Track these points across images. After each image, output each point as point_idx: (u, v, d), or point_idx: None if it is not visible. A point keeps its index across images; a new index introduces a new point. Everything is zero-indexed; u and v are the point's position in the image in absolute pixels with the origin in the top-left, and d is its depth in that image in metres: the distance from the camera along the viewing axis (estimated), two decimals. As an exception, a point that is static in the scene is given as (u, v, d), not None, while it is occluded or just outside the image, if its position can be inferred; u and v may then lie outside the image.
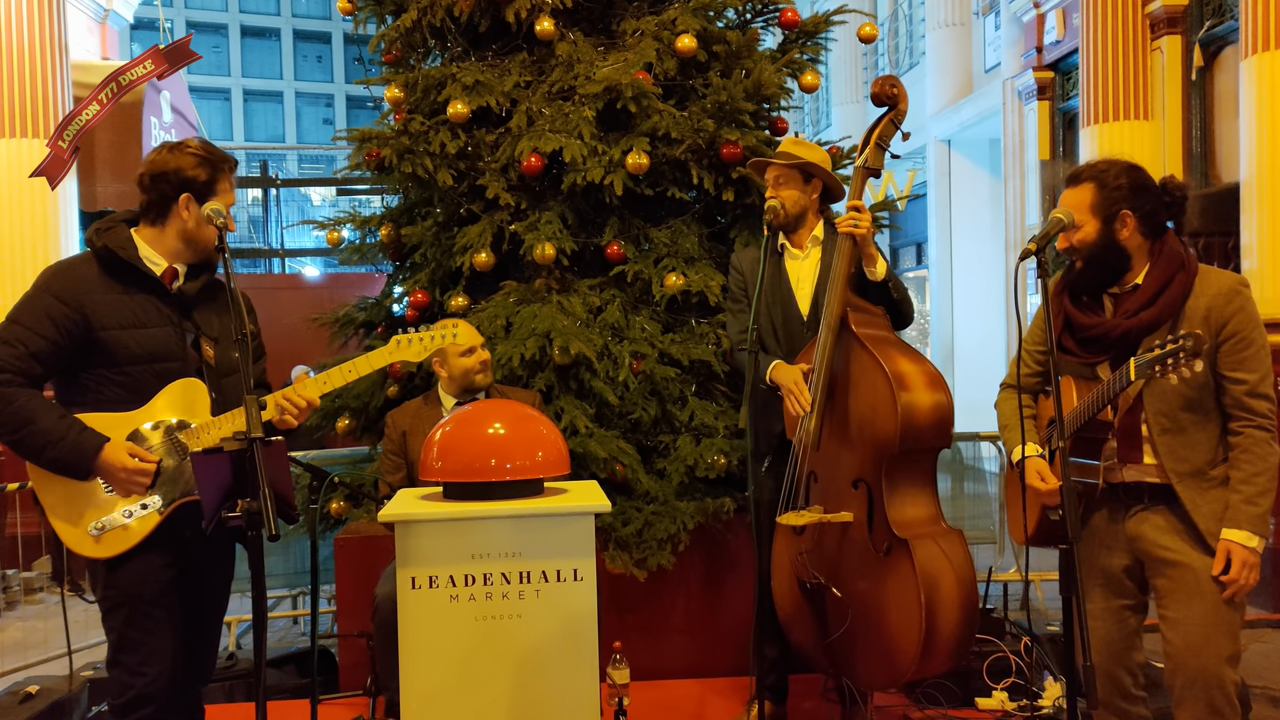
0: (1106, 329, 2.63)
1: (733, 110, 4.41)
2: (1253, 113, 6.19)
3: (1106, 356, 2.66)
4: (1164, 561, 2.63)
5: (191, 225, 2.68)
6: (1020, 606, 4.96)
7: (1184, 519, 2.60)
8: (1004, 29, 11.03)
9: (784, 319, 3.62)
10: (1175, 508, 2.61)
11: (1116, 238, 2.63)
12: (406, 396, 4.43)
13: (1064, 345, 2.72)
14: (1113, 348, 2.63)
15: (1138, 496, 2.67)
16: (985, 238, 12.40)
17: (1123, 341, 2.61)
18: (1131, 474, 2.66)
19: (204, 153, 2.71)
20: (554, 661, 2.71)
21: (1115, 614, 2.74)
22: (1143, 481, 2.65)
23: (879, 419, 3.26)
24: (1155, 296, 2.59)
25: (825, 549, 3.42)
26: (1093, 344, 2.67)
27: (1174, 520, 2.62)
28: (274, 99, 35.94)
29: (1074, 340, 2.71)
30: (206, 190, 2.67)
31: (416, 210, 4.99)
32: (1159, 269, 2.62)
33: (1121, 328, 2.61)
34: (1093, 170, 2.68)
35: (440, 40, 4.97)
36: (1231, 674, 2.57)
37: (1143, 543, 2.67)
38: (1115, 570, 2.72)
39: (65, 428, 2.53)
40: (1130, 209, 2.62)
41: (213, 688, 3.77)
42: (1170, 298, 2.58)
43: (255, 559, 2.38)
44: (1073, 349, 2.71)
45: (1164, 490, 2.63)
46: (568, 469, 2.90)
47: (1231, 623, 2.57)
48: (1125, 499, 2.69)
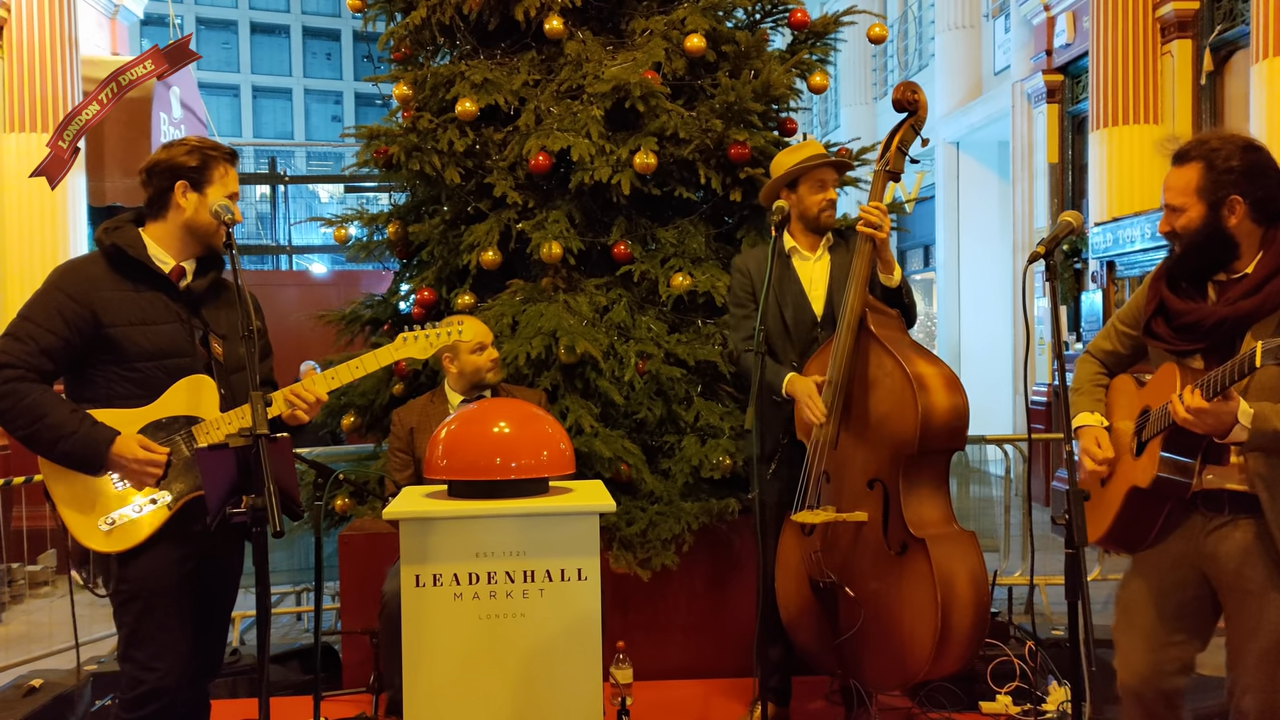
0: (1201, 316, 2.39)
1: (741, 110, 4.40)
2: (1263, 117, 6.17)
3: (1199, 346, 2.42)
4: (1234, 589, 2.43)
5: (190, 213, 2.70)
6: (1025, 610, 4.95)
7: (1266, 539, 2.37)
8: (1014, 31, 11.01)
9: (795, 320, 3.63)
10: (1259, 524, 2.38)
11: (1223, 225, 2.38)
12: (412, 394, 4.44)
13: (1155, 331, 2.50)
14: (1206, 336, 2.40)
15: (1218, 506, 2.44)
16: (993, 240, 12.37)
17: (1217, 331, 2.37)
18: (1212, 480, 2.43)
19: (197, 142, 2.75)
20: (557, 661, 2.70)
21: (1166, 637, 2.54)
22: (1224, 489, 2.42)
23: (899, 419, 3.27)
24: (1261, 285, 2.35)
25: (837, 549, 3.42)
26: (1186, 331, 2.43)
27: (1254, 542, 2.39)
28: (283, 95, 35.97)
29: (1167, 326, 2.47)
30: (199, 176, 2.69)
31: (424, 208, 4.99)
32: (1270, 256, 2.37)
33: (1217, 315, 2.37)
34: (1203, 148, 2.42)
35: (449, 38, 4.97)
36: None
37: (1217, 564, 2.45)
38: (1182, 597, 2.52)
39: (77, 422, 2.55)
40: (1240, 194, 2.36)
41: (217, 682, 3.77)
42: (1276, 288, 2.33)
43: (259, 555, 2.39)
44: (1164, 335, 2.48)
45: (1247, 500, 2.39)
46: (573, 468, 2.90)
47: None
48: (1205, 509, 2.46)
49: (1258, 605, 2.39)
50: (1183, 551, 2.51)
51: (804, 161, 3.60)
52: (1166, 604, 2.55)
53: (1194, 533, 2.49)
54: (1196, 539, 2.49)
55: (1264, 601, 2.39)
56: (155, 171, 2.71)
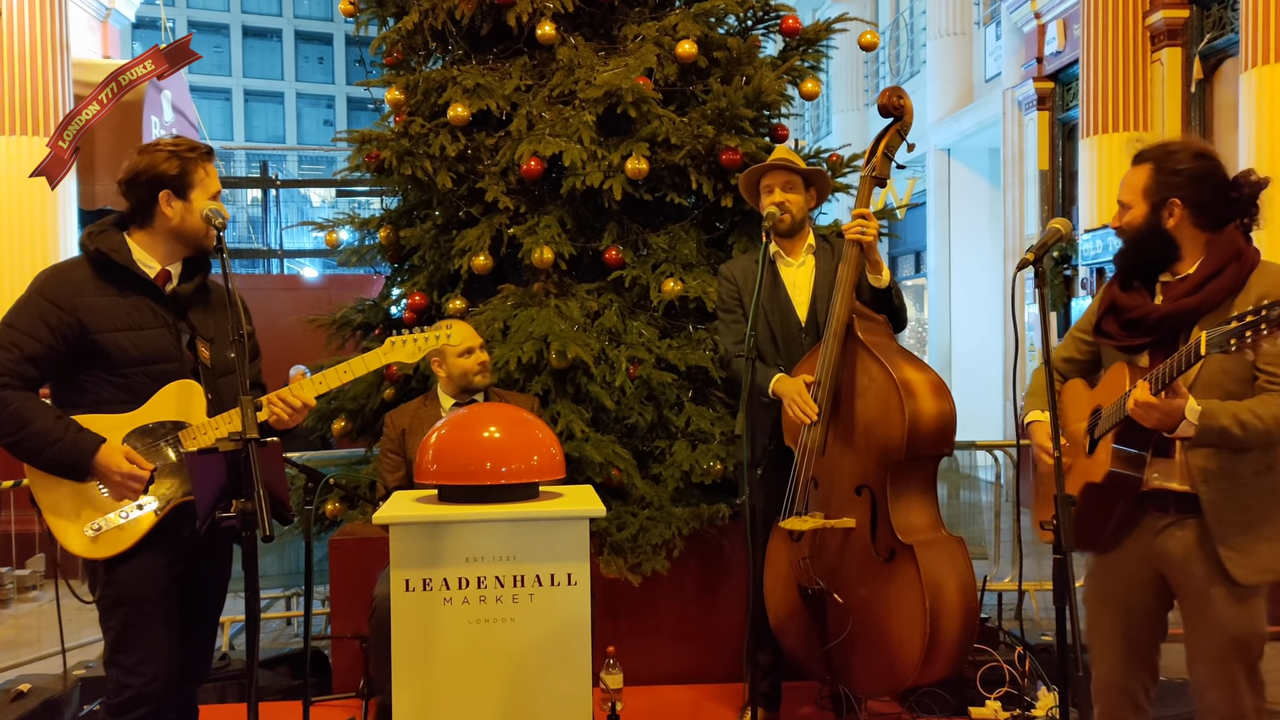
0: (1146, 311, 2.52)
1: (733, 117, 4.41)
2: (1252, 125, 6.20)
3: (1146, 341, 2.55)
4: (1183, 586, 2.54)
5: (177, 221, 2.68)
6: (1014, 616, 4.96)
7: (1207, 538, 2.47)
8: (1005, 39, 11.05)
9: (782, 326, 3.64)
10: (1201, 522, 2.48)
11: (1162, 225, 2.51)
12: (403, 399, 4.43)
13: (1105, 329, 2.62)
14: (1151, 332, 2.52)
15: (1164, 507, 2.55)
16: (984, 247, 12.42)
17: (1161, 326, 2.50)
18: (1157, 479, 2.53)
19: (173, 146, 2.70)
20: (547, 666, 2.71)
21: (1131, 632, 2.65)
22: (1168, 490, 2.53)
23: (886, 425, 3.28)
24: (1201, 284, 2.47)
25: (825, 555, 3.42)
26: (1132, 326, 2.56)
27: (1197, 540, 2.49)
28: (275, 99, 35.94)
29: (1116, 323, 2.60)
30: (181, 183, 2.66)
31: (415, 213, 4.99)
32: (1211, 258, 2.48)
33: (1161, 311, 2.50)
34: (1158, 150, 2.55)
35: (441, 43, 4.97)
36: (1251, 700, 2.50)
37: (1169, 564, 2.55)
38: (1141, 586, 2.61)
39: (63, 429, 2.54)
40: (1180, 198, 2.49)
41: (205, 688, 3.76)
42: (1216, 287, 2.45)
43: (249, 560, 2.38)
44: (1113, 332, 2.61)
45: (1190, 501, 2.49)
46: (563, 473, 2.90)
47: (1249, 652, 2.49)
48: (1153, 510, 2.57)
49: (1204, 601, 2.50)
50: (1138, 553, 2.61)
51: (751, 170, 3.67)
52: (1132, 604, 2.65)
53: (1146, 534, 2.59)
54: (1148, 540, 2.59)
55: (1207, 597, 2.49)
56: (136, 183, 2.67)
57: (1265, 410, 2.38)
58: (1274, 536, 2.47)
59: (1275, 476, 2.50)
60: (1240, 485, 2.47)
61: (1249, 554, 2.45)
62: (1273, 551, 2.47)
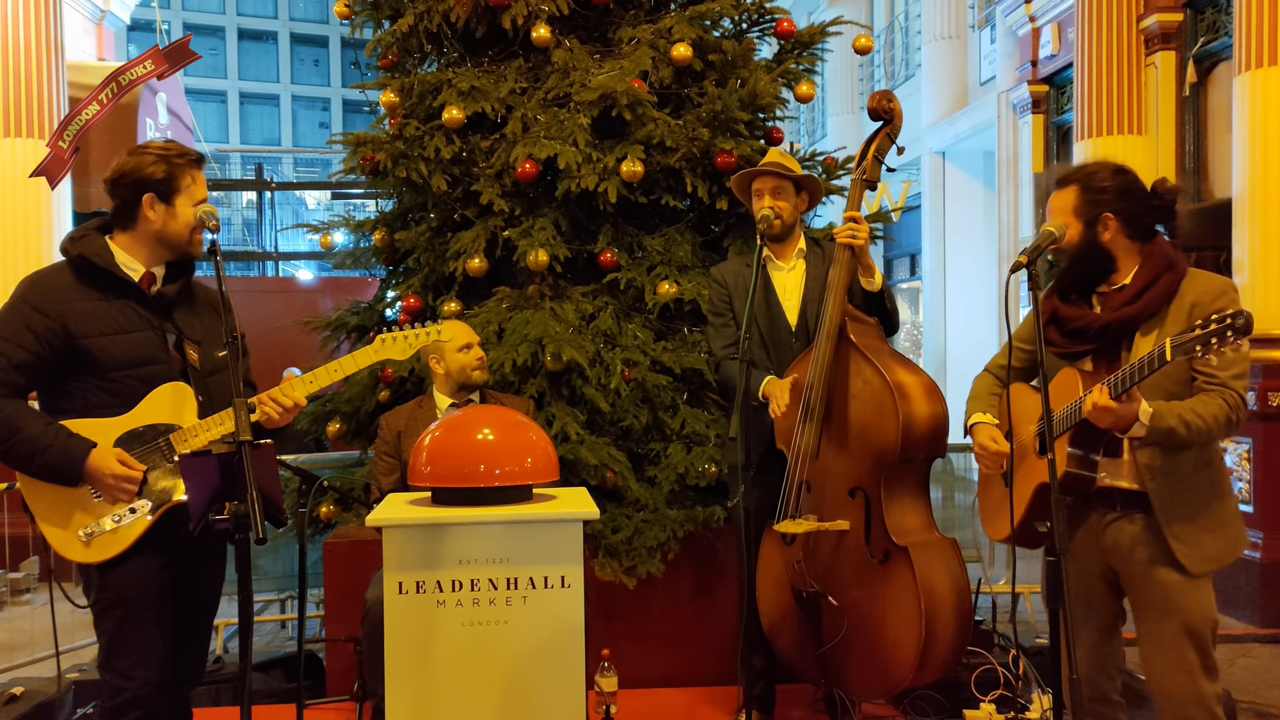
0: (1089, 321, 2.67)
1: (728, 119, 4.42)
2: (1246, 128, 6.22)
3: (1089, 348, 2.69)
4: (1134, 575, 2.66)
5: (159, 225, 2.67)
6: (1008, 619, 4.96)
7: (1155, 530, 2.60)
8: (999, 42, 11.07)
9: (772, 330, 3.64)
10: (1148, 517, 2.61)
11: (1098, 240, 2.67)
12: (398, 401, 4.43)
13: (1049, 338, 2.74)
14: (1094, 340, 2.67)
15: (1110, 504, 2.68)
16: (979, 250, 12.42)
17: (1103, 334, 2.65)
18: (1105, 478, 2.66)
19: (162, 150, 2.68)
20: (540, 668, 2.70)
21: (1095, 621, 2.77)
22: (1116, 487, 2.65)
23: (880, 428, 3.28)
24: (1139, 294, 2.62)
25: (819, 558, 3.42)
26: (1075, 336, 2.70)
27: (1145, 532, 2.62)
28: (270, 102, 35.92)
29: (1060, 333, 2.74)
30: (166, 187, 2.65)
31: (410, 215, 4.99)
32: (1146, 268, 2.64)
33: (1102, 320, 2.64)
34: (1079, 173, 2.72)
35: (436, 46, 4.98)
36: (1209, 685, 2.58)
37: (1115, 555, 2.68)
38: (1094, 578, 2.74)
39: (53, 434, 2.53)
40: (1112, 212, 2.65)
41: (199, 691, 3.75)
42: (1153, 295, 2.60)
43: (242, 562, 2.38)
44: (1057, 341, 2.74)
45: (1136, 498, 2.63)
46: (556, 475, 2.90)
47: (1202, 636, 2.59)
48: (1100, 507, 2.70)
49: (1155, 588, 2.61)
50: (1088, 548, 2.73)
51: (741, 174, 3.68)
52: (1090, 596, 2.76)
53: (1093, 530, 2.72)
54: (1096, 534, 2.72)
55: (1157, 583, 2.61)
56: (121, 183, 2.66)
57: (1205, 410, 2.52)
58: (1216, 528, 2.61)
59: (1213, 471, 2.64)
60: (1182, 481, 2.60)
61: (1195, 545, 2.58)
62: (1216, 542, 2.60)
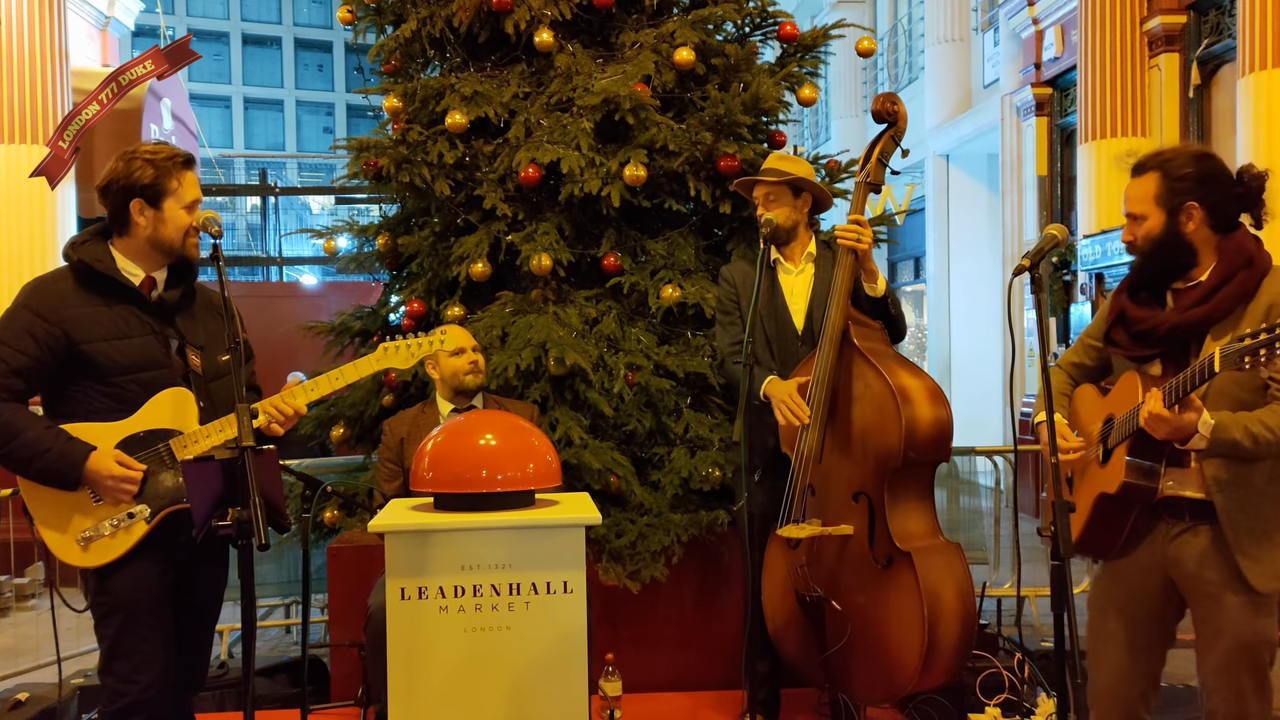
0: (1156, 323, 2.49)
1: (731, 123, 4.41)
2: (1250, 130, 6.21)
3: (1155, 352, 2.53)
4: (1194, 591, 2.53)
5: (150, 230, 2.66)
6: (1014, 622, 4.95)
7: (1221, 544, 2.46)
8: (1003, 45, 11.07)
9: (778, 333, 3.63)
10: (1215, 530, 2.47)
11: (1181, 231, 2.47)
12: (402, 406, 4.43)
13: (1115, 339, 2.60)
14: (1161, 343, 2.50)
15: (1179, 514, 2.53)
16: (983, 252, 12.42)
17: (1171, 337, 2.48)
18: (1173, 486, 2.51)
19: (150, 154, 2.67)
20: (544, 674, 2.70)
21: (1134, 639, 2.63)
22: (1183, 497, 2.50)
23: (883, 432, 3.27)
24: (1212, 293, 2.44)
25: (823, 562, 3.42)
26: (1141, 338, 2.53)
27: (1211, 546, 2.48)
28: (274, 107, 35.99)
29: (1126, 334, 2.58)
30: (153, 191, 2.64)
31: (414, 220, 4.99)
32: (1223, 264, 2.46)
33: (1169, 323, 2.47)
34: (1158, 159, 2.53)
35: (439, 51, 4.98)
36: (1259, 708, 2.48)
37: (1180, 569, 2.53)
38: (1151, 594, 2.59)
39: (52, 438, 2.54)
40: (1197, 200, 2.46)
41: (203, 696, 3.76)
42: (1227, 294, 2.43)
43: (245, 568, 2.38)
44: (1122, 343, 2.58)
45: (1205, 508, 2.48)
46: (559, 481, 2.89)
47: (1258, 658, 2.48)
48: (1168, 517, 2.55)
49: (1216, 607, 2.49)
50: (1149, 559, 2.59)
51: (740, 181, 3.69)
52: (1138, 611, 2.63)
53: (1158, 540, 2.57)
54: (1161, 546, 2.57)
55: (1221, 603, 2.48)
56: (110, 190, 2.66)
57: (1275, 421, 2.37)
58: None
59: None
60: (1254, 493, 2.45)
61: (1265, 561, 2.45)
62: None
